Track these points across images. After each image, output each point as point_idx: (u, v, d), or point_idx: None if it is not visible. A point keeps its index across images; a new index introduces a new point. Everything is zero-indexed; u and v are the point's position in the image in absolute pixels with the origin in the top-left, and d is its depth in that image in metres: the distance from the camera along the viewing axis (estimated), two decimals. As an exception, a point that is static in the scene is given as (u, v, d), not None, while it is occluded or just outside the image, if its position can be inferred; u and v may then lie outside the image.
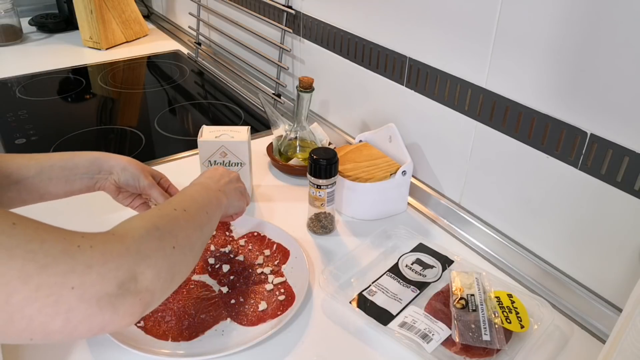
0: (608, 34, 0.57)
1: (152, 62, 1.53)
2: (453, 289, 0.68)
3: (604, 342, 0.64)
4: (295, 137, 0.96)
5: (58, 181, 0.65)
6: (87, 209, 0.83)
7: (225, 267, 0.74)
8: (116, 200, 0.71)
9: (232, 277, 0.72)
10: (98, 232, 0.43)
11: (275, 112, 1.01)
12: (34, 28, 1.70)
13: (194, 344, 0.62)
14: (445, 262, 0.75)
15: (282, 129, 0.99)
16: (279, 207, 0.88)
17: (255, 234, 0.80)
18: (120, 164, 0.68)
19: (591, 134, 0.62)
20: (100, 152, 0.69)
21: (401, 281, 0.72)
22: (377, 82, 0.93)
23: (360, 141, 0.93)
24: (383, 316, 0.66)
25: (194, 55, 1.53)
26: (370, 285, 0.71)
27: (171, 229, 0.49)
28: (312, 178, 0.77)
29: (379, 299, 0.69)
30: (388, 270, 0.74)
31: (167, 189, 0.74)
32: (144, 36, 1.71)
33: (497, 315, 0.64)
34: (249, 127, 0.87)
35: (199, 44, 1.53)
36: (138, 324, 0.64)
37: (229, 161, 0.85)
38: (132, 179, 0.68)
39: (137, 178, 0.68)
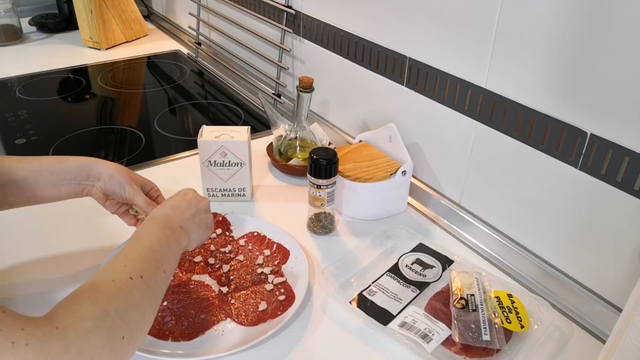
0: (608, 34, 0.57)
1: (152, 62, 1.53)
2: (453, 289, 0.68)
3: (604, 342, 0.64)
4: (295, 137, 0.96)
5: (46, 185, 0.65)
6: (84, 211, 0.83)
7: (225, 267, 0.74)
8: (104, 206, 0.71)
9: (232, 277, 0.72)
10: (43, 319, 0.40)
11: (275, 112, 1.01)
12: (34, 28, 1.70)
13: (194, 344, 0.62)
14: (445, 262, 0.75)
15: (282, 129, 0.99)
16: (279, 207, 0.88)
17: (255, 234, 0.80)
18: (108, 172, 0.68)
19: (591, 134, 0.62)
20: (89, 157, 0.69)
21: (401, 281, 0.72)
22: (377, 82, 0.93)
23: (360, 141, 0.93)
24: (383, 316, 0.66)
25: (194, 55, 1.53)
26: (370, 285, 0.71)
27: (124, 312, 0.45)
28: (312, 178, 0.77)
29: (379, 299, 0.69)
30: (388, 270, 0.74)
31: (155, 199, 0.73)
32: (144, 36, 1.71)
33: (497, 315, 0.64)
34: (249, 127, 0.87)
35: (199, 44, 1.53)
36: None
37: (229, 161, 0.85)
38: (118, 188, 0.68)
39: (123, 187, 0.68)
